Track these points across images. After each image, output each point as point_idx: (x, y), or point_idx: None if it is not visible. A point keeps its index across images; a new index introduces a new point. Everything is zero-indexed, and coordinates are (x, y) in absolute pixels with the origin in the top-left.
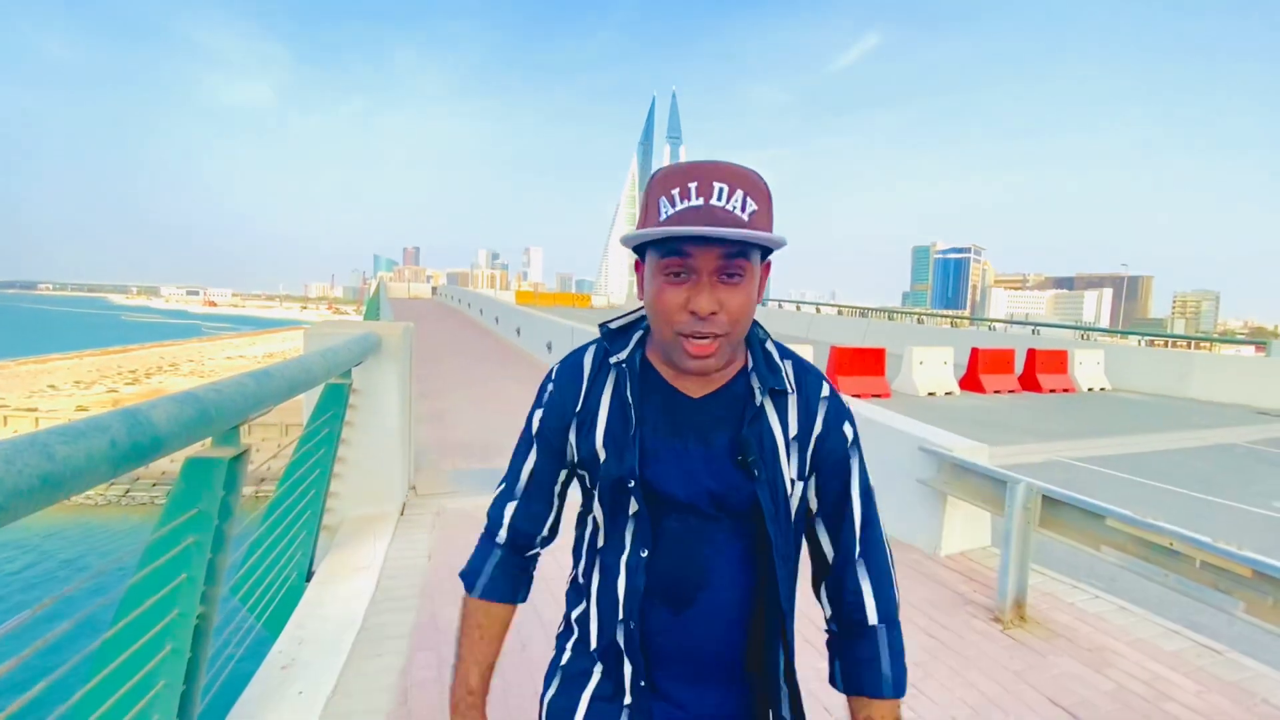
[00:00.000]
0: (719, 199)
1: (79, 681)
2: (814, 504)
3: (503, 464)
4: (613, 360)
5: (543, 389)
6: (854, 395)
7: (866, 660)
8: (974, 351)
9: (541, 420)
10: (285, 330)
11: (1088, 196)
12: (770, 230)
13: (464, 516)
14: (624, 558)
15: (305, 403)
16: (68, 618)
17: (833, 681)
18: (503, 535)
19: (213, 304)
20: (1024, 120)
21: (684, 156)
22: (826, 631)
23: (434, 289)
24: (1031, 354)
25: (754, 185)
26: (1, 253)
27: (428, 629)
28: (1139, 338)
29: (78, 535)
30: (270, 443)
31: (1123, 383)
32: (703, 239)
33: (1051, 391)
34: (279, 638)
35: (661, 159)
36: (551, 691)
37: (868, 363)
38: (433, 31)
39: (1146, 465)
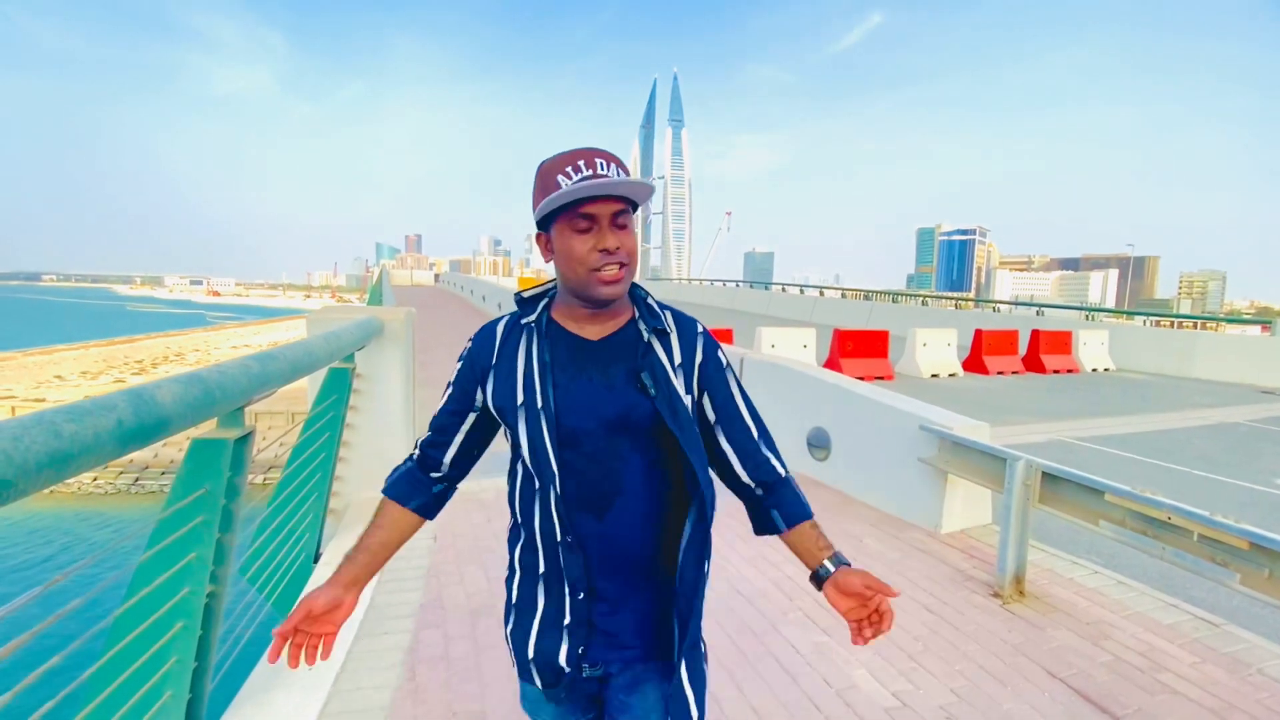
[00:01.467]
0: (603, 170)
1: (93, 656)
2: (711, 415)
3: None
4: (524, 321)
5: (465, 351)
6: (858, 377)
7: (791, 499)
8: (977, 333)
9: (458, 373)
10: (289, 319)
11: (1093, 177)
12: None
13: (466, 499)
14: (553, 482)
15: (310, 389)
16: (82, 595)
17: (765, 529)
18: (415, 455)
19: (216, 293)
20: (1029, 100)
21: (686, 140)
22: (748, 497)
23: (436, 276)
24: (1035, 335)
25: (621, 163)
26: (3, 245)
27: (432, 608)
28: (1144, 318)
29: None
30: (277, 430)
31: (1127, 363)
32: (600, 196)
33: (1055, 372)
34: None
35: (664, 142)
36: (510, 626)
37: (871, 345)
38: (432, 15)
39: (1149, 444)
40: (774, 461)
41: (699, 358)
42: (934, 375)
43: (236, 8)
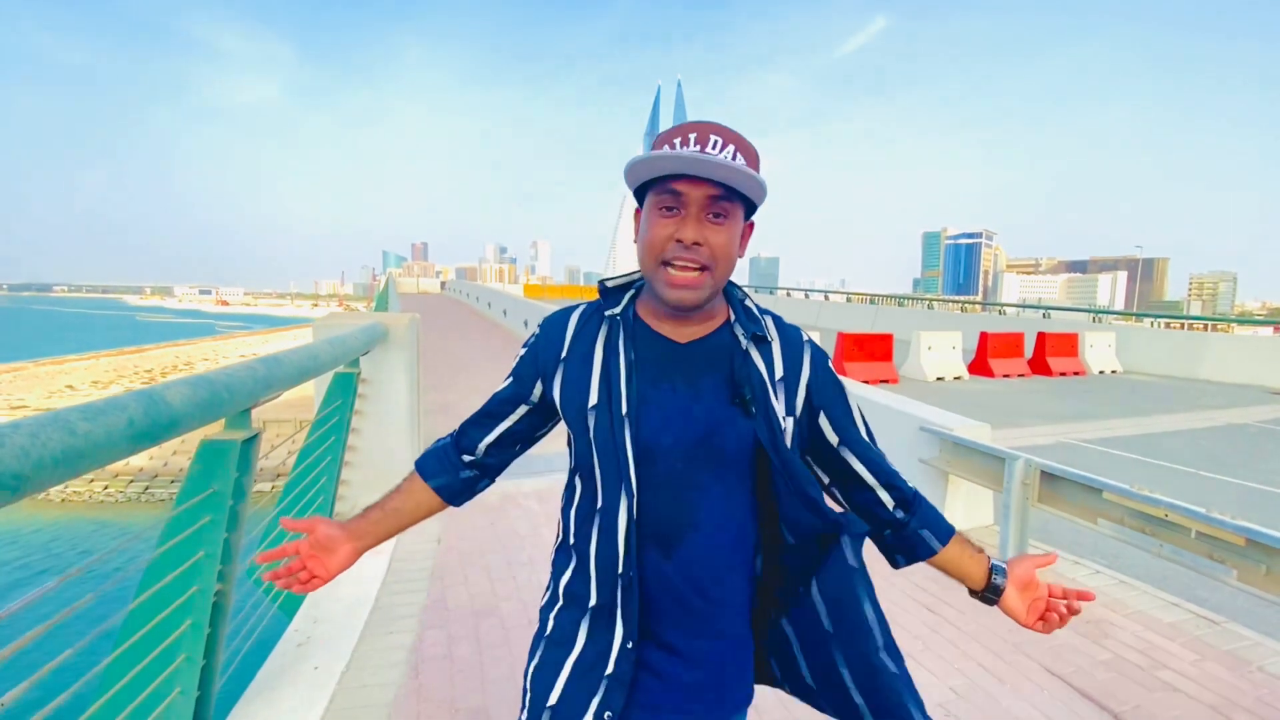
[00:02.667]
0: (713, 148)
1: (103, 653)
2: (833, 436)
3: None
4: (607, 313)
5: (531, 337)
6: (861, 381)
7: (934, 515)
8: (983, 336)
9: (520, 360)
10: (296, 328)
11: (1102, 179)
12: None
13: (472, 503)
14: (623, 502)
15: (316, 396)
16: (93, 591)
17: (916, 555)
18: (454, 432)
19: (225, 303)
20: (1036, 102)
21: None
22: (887, 524)
23: (443, 284)
24: (1041, 337)
25: (745, 145)
26: (16, 257)
27: (437, 608)
28: (1153, 320)
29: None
30: (284, 438)
31: (1135, 365)
32: (693, 176)
33: (1062, 375)
34: (295, 617)
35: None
36: (535, 662)
37: (875, 348)
38: (438, 23)
39: (1156, 446)
40: (903, 478)
41: (806, 372)
42: (939, 378)
43: (245, 20)
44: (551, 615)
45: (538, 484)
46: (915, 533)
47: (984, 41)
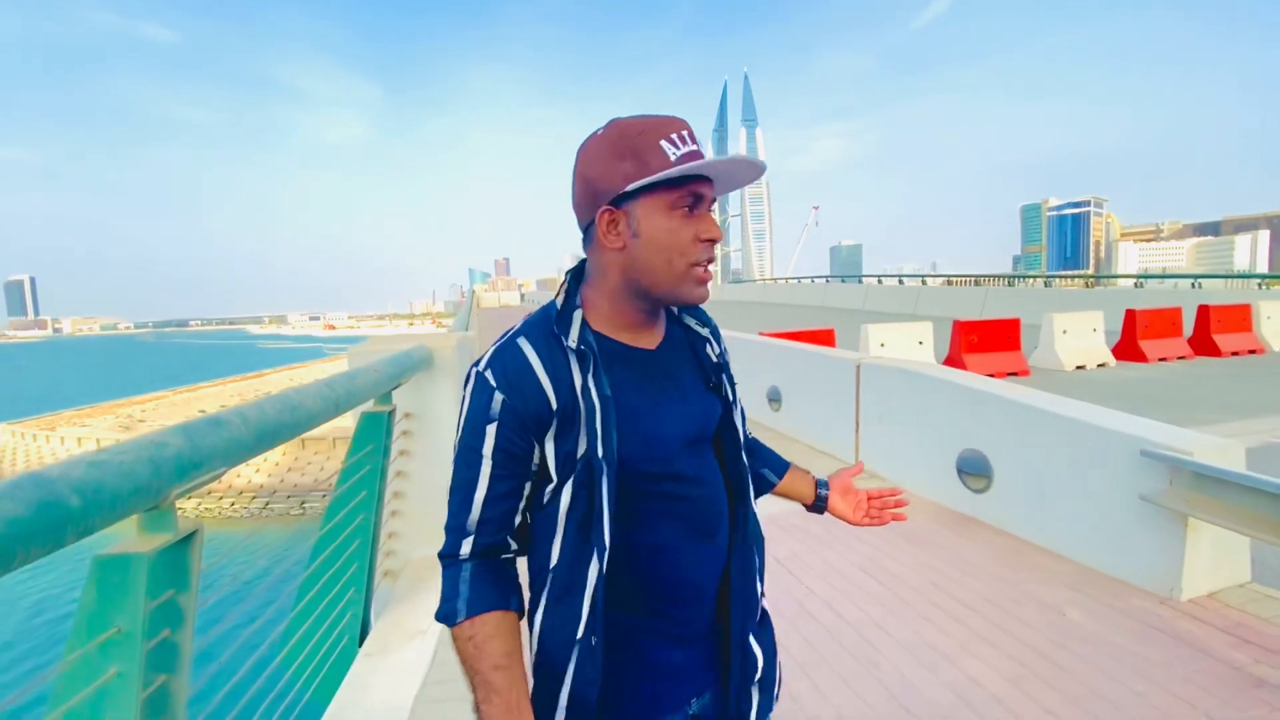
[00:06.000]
0: (700, 144)
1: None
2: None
3: None
4: (571, 345)
5: (479, 403)
6: (986, 375)
7: (766, 452)
8: (1129, 313)
9: (497, 438)
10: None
11: (1230, 129)
12: None
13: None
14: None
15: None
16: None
17: (761, 491)
18: (468, 555)
19: (332, 327)
20: (1141, 53)
21: (760, 139)
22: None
23: (522, 296)
24: (1204, 311)
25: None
26: (158, 298)
27: None
28: None
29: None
30: (322, 459)
31: None
32: (705, 176)
33: (1234, 354)
34: None
35: (738, 143)
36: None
37: (999, 336)
38: (503, 46)
39: None
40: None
41: (722, 344)
42: (1079, 367)
43: (337, 65)
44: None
45: None
46: (758, 473)
47: None
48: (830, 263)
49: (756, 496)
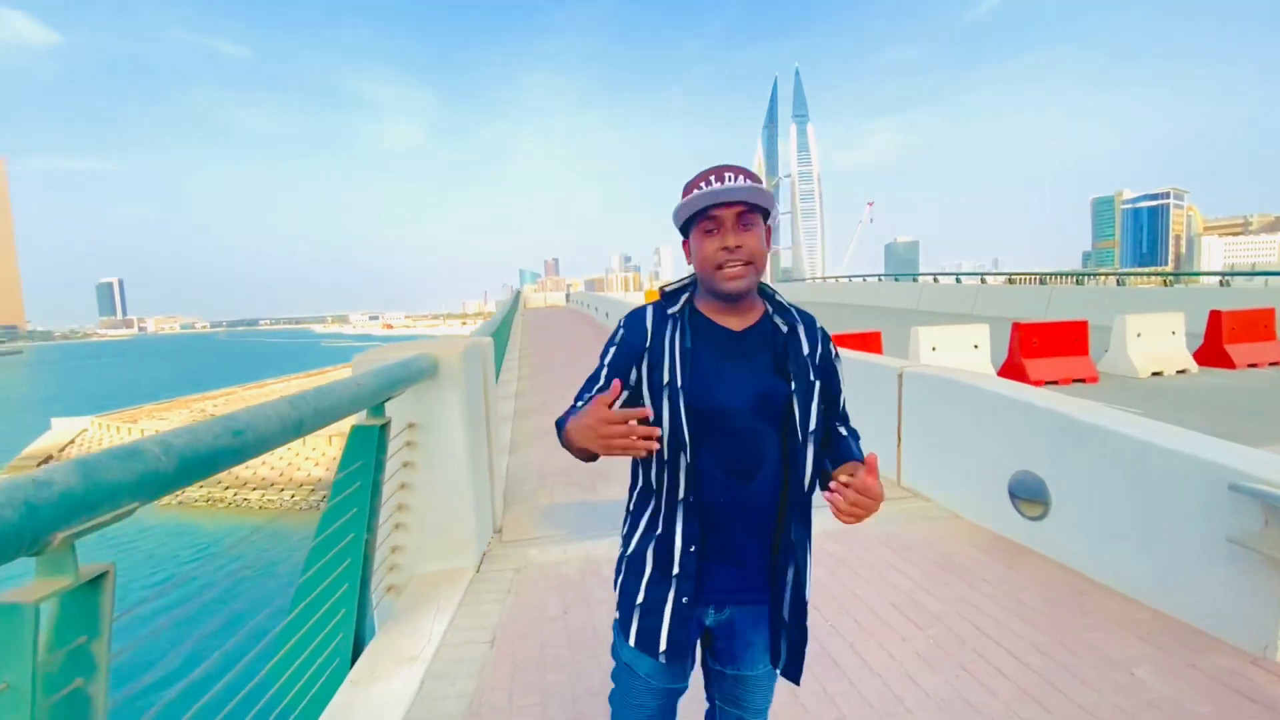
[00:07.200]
0: (730, 180)
1: None
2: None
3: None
4: (670, 312)
5: (615, 334)
6: (1049, 381)
7: (846, 450)
8: (1214, 314)
9: (612, 355)
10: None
11: None
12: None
13: (545, 576)
14: (684, 450)
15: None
16: None
17: (824, 483)
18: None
19: (389, 326)
20: (1222, 34)
21: (812, 135)
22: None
23: (568, 296)
24: None
25: (750, 174)
26: (233, 299)
27: None
28: None
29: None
30: (323, 450)
31: None
32: (722, 201)
33: None
34: None
35: (788, 140)
36: (621, 577)
37: (1064, 339)
38: (553, 54)
39: None
40: (856, 448)
41: (820, 348)
42: (1155, 373)
43: (395, 73)
44: (634, 538)
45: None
46: (823, 461)
47: None
48: (885, 260)
49: (822, 487)
